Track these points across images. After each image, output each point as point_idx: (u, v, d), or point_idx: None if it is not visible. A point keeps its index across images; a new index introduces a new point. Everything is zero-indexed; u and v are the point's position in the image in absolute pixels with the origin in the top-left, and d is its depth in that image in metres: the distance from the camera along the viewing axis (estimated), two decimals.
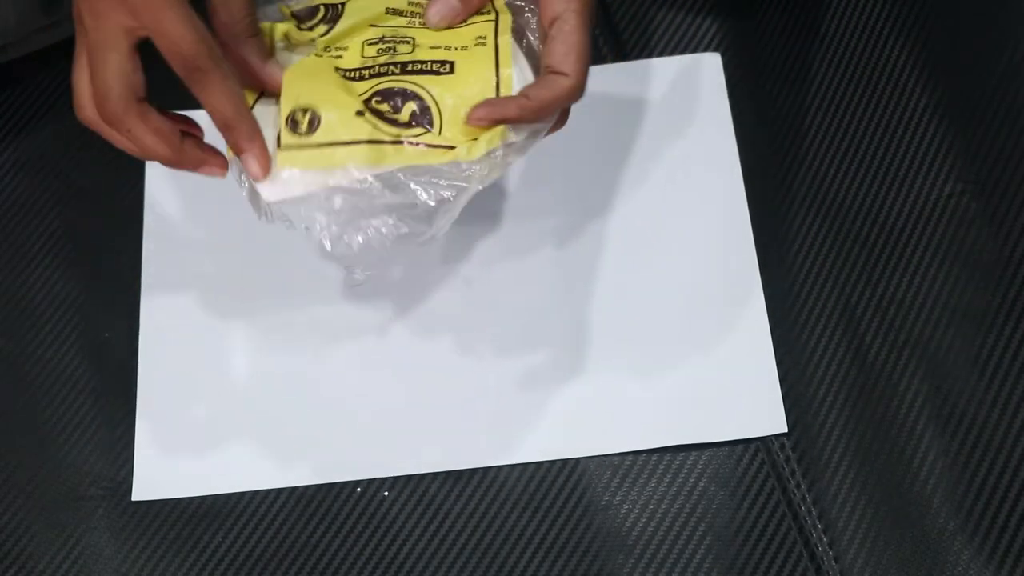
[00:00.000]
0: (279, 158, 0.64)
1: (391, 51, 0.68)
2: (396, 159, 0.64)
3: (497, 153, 0.64)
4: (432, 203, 0.64)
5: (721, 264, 0.79)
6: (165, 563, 0.74)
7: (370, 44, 0.68)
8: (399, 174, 0.64)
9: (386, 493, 0.75)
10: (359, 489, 0.75)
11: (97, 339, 0.80)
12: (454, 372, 0.77)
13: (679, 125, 0.83)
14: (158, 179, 0.83)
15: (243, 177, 0.66)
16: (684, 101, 0.83)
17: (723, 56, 0.84)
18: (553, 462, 0.75)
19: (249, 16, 0.66)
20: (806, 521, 0.73)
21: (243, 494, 0.75)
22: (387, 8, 0.70)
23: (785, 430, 0.75)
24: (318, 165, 0.64)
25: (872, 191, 0.80)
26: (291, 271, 0.80)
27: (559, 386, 0.76)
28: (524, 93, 0.65)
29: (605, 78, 0.84)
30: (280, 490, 0.75)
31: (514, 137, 0.65)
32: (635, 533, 0.73)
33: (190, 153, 0.66)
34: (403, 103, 0.66)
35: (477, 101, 0.65)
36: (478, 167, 0.64)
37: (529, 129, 0.65)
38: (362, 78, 0.67)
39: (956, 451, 0.73)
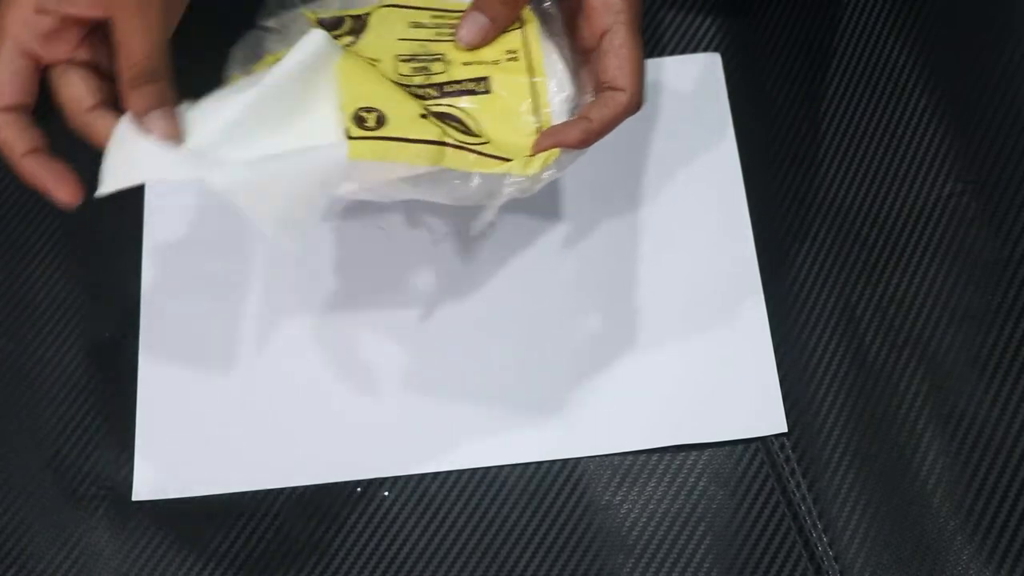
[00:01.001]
0: (350, 149, 0.64)
1: (426, 71, 0.69)
2: (455, 162, 0.65)
3: (549, 171, 0.66)
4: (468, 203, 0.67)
5: (721, 264, 0.79)
6: (165, 563, 0.74)
7: (403, 60, 0.69)
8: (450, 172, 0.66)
9: (386, 493, 0.75)
10: (359, 489, 0.75)
11: (97, 339, 0.80)
12: (454, 372, 0.77)
13: (679, 125, 0.83)
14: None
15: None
16: (684, 101, 0.83)
17: (723, 56, 0.84)
18: (553, 462, 0.75)
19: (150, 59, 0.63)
20: (806, 521, 0.73)
21: (243, 494, 0.75)
22: (411, 22, 0.70)
23: (785, 430, 0.75)
24: (385, 157, 0.64)
25: (872, 191, 0.80)
26: (291, 271, 0.80)
27: (559, 386, 0.76)
28: (585, 115, 0.66)
29: None
30: (280, 490, 0.75)
31: (566, 156, 0.66)
32: (635, 533, 0.73)
33: (28, 168, 0.64)
34: (443, 120, 0.67)
35: (517, 115, 0.67)
36: (527, 181, 0.66)
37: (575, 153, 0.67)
38: None
39: (956, 451, 0.73)
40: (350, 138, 0.64)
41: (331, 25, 0.69)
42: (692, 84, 0.84)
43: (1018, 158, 0.80)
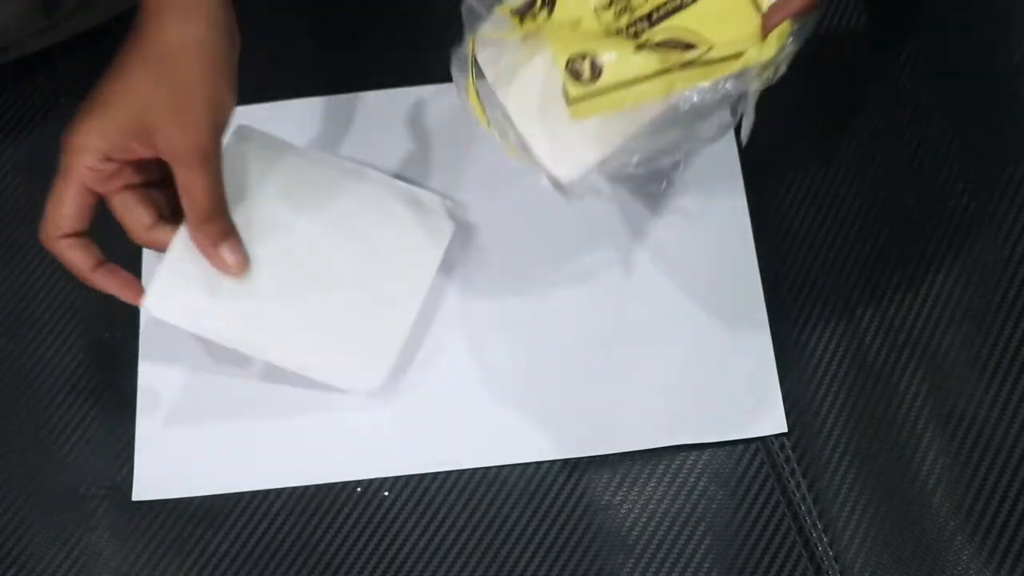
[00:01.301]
0: (571, 111, 0.63)
1: (628, 10, 0.66)
2: (688, 80, 0.63)
3: (785, 51, 0.63)
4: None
5: (721, 265, 0.79)
6: (165, 563, 0.74)
7: (603, 9, 0.66)
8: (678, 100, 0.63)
9: (386, 493, 0.75)
10: (359, 489, 0.75)
11: (97, 339, 0.80)
12: (454, 373, 0.77)
13: None
14: None
15: (539, 165, 0.67)
16: None
17: None
18: (553, 462, 0.75)
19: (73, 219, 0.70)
20: (806, 521, 0.73)
21: (243, 494, 0.75)
22: None
23: (785, 430, 0.75)
24: (611, 109, 0.63)
25: (872, 191, 0.80)
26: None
27: (559, 386, 0.76)
28: None
29: None
30: (280, 490, 0.75)
31: (791, 36, 0.63)
32: (635, 533, 0.73)
33: (99, 280, 0.72)
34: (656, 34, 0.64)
35: (735, 7, 0.64)
36: (771, 66, 0.63)
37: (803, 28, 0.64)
38: None
39: (956, 451, 0.73)
40: (569, 100, 0.62)
41: (524, 9, 0.67)
42: None
43: (1019, 158, 0.80)
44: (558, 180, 0.67)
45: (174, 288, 0.73)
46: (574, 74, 0.63)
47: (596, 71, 0.63)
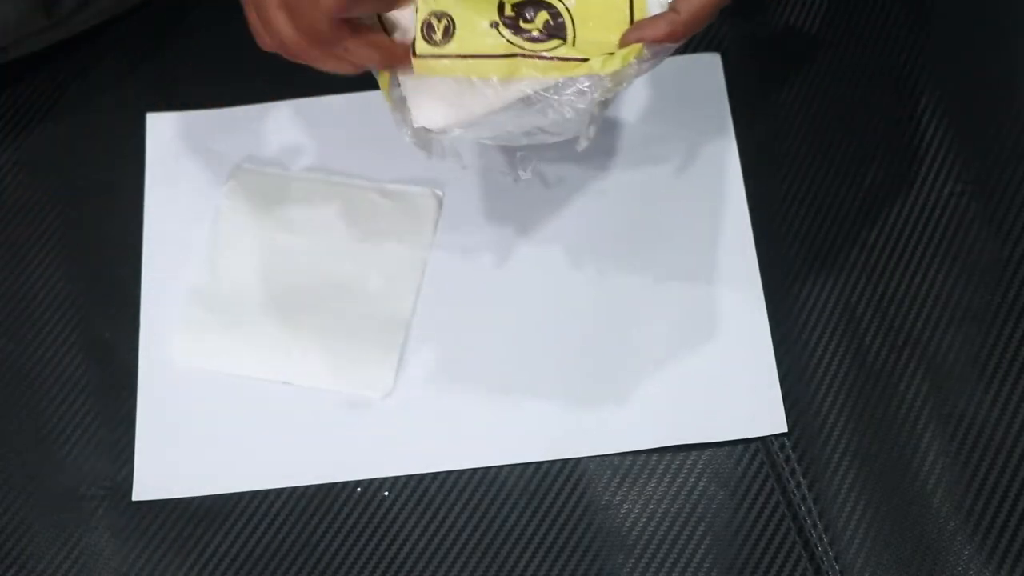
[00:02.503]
0: (415, 65, 0.64)
1: None
2: (530, 71, 0.64)
3: (631, 69, 0.64)
4: (566, 114, 0.64)
5: (721, 264, 0.79)
6: (165, 563, 0.74)
7: None
8: (528, 89, 0.64)
9: (386, 493, 0.75)
10: (359, 489, 0.75)
11: (97, 339, 0.80)
12: (453, 372, 0.77)
13: (679, 125, 0.82)
14: (158, 179, 0.83)
15: (403, 121, 0.67)
16: (684, 101, 0.83)
17: (723, 56, 0.84)
18: (553, 462, 0.75)
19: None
20: (806, 521, 0.73)
21: (243, 494, 0.75)
22: None
23: (785, 430, 0.75)
24: (450, 74, 0.64)
25: (872, 191, 0.80)
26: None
27: (559, 386, 0.76)
28: (674, 6, 0.64)
29: None
30: (280, 490, 0.75)
31: (648, 56, 0.64)
32: (635, 533, 0.73)
33: (396, 50, 0.66)
34: (536, 12, 0.65)
35: (614, 9, 0.65)
36: (608, 80, 0.64)
37: (665, 49, 0.65)
38: None
39: (956, 451, 0.73)
40: (415, 55, 0.64)
41: None
42: (692, 84, 0.84)
43: (1018, 158, 0.80)
44: (422, 129, 0.67)
45: (193, 337, 0.78)
46: (427, 30, 0.64)
47: (448, 35, 0.64)
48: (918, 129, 0.81)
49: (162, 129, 0.84)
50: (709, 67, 0.84)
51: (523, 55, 0.64)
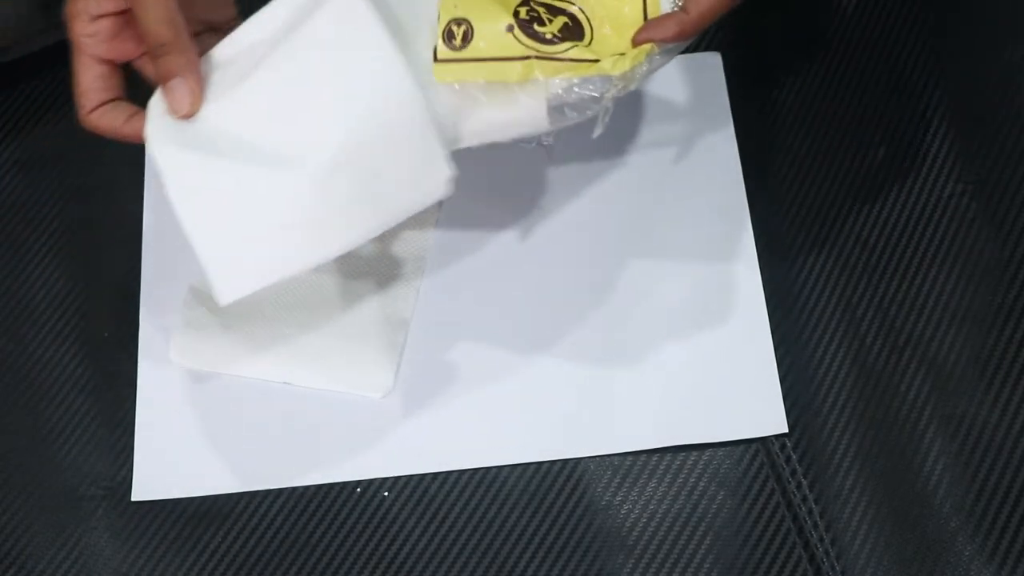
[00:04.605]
0: (435, 70, 0.66)
1: None
2: (545, 72, 0.66)
3: (641, 68, 0.66)
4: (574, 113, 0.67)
5: (721, 264, 0.79)
6: (165, 563, 0.74)
7: None
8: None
9: (386, 493, 0.75)
10: (359, 489, 0.75)
11: (97, 339, 0.80)
12: (453, 372, 0.77)
13: (679, 125, 0.83)
14: (159, 179, 0.83)
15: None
16: (684, 101, 0.83)
17: (723, 56, 0.84)
18: (553, 462, 0.75)
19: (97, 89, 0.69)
20: (806, 522, 0.73)
21: (243, 494, 0.75)
22: None
23: (786, 430, 0.75)
24: (471, 78, 0.66)
25: (873, 191, 0.80)
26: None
27: (559, 386, 0.76)
28: (684, 6, 0.66)
29: None
30: (280, 490, 0.75)
31: (659, 53, 0.66)
32: (635, 533, 0.73)
33: (131, 128, 0.69)
34: (554, 15, 0.67)
35: (625, 5, 0.67)
36: (621, 80, 0.66)
37: (676, 46, 0.67)
38: None
39: (957, 451, 0.73)
40: (436, 60, 0.66)
41: None
42: (692, 84, 0.84)
43: (1019, 158, 0.80)
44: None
45: (191, 337, 0.77)
46: (448, 36, 0.66)
47: (467, 40, 0.66)
48: (918, 129, 0.81)
49: None
50: (709, 67, 0.84)
51: (538, 57, 0.66)
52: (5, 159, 0.85)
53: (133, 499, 0.75)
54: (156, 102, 0.68)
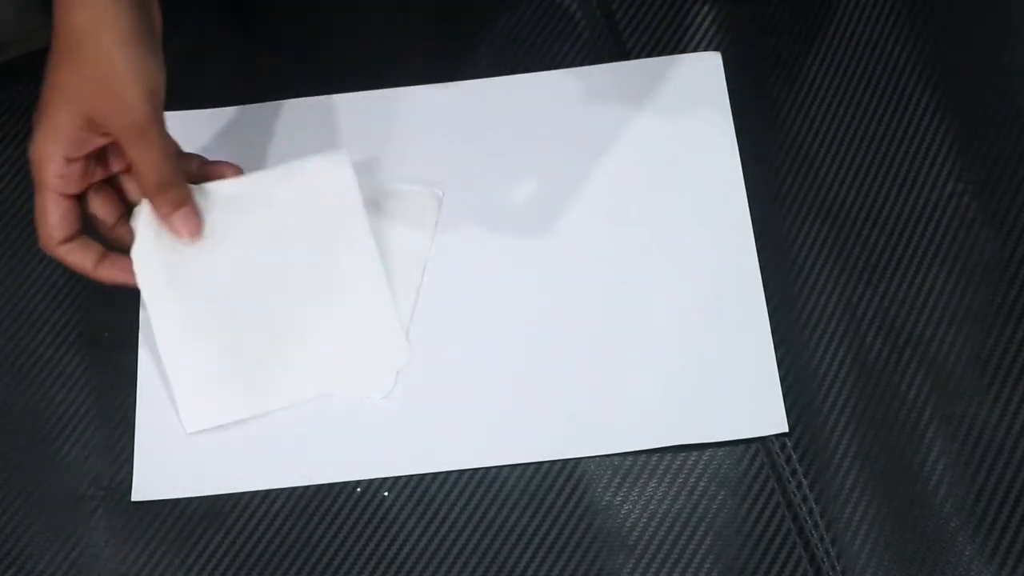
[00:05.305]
0: None
1: None
2: None
3: None
4: None
5: (721, 264, 0.79)
6: (165, 563, 0.74)
7: None
8: None
9: (386, 493, 0.75)
10: (359, 489, 0.75)
11: (97, 339, 0.80)
12: (454, 373, 0.77)
13: (679, 125, 0.82)
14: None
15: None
16: (684, 101, 0.83)
17: (723, 55, 0.84)
18: (553, 462, 0.75)
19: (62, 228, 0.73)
20: (806, 522, 0.73)
21: (243, 494, 0.75)
22: None
23: (786, 430, 0.75)
24: None
25: (873, 191, 0.80)
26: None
27: (559, 386, 0.76)
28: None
29: (605, 78, 0.84)
30: (280, 490, 0.75)
31: None
32: (635, 533, 0.73)
33: (105, 274, 0.75)
34: None
35: None
36: None
37: None
38: None
39: (958, 451, 0.73)
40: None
41: None
42: (692, 84, 0.84)
43: (1019, 158, 0.80)
44: None
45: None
46: None
47: None
48: (918, 129, 0.81)
49: None
50: (709, 66, 0.84)
51: None
52: (5, 159, 0.85)
53: (133, 499, 0.75)
54: (141, 242, 0.75)
